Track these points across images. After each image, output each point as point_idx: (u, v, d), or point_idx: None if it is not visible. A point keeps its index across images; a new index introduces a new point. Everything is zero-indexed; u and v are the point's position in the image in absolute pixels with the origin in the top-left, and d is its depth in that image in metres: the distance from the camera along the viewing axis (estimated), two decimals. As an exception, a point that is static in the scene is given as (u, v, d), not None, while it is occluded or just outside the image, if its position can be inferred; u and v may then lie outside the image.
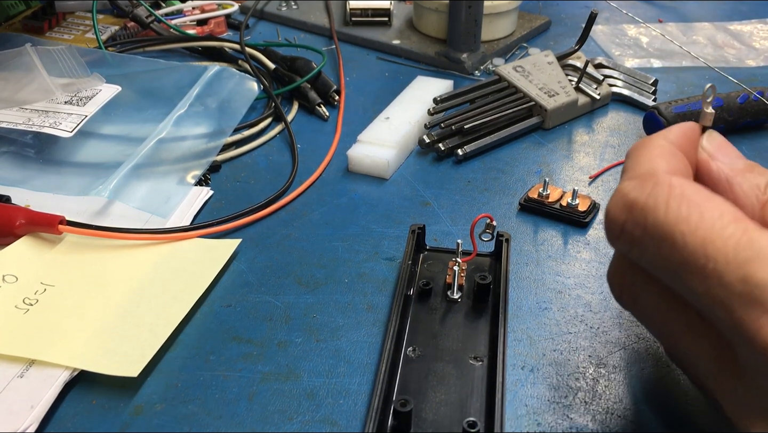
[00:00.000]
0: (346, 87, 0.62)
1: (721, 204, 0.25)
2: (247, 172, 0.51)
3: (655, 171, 0.27)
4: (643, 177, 0.26)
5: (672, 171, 0.27)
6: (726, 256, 0.23)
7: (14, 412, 0.32)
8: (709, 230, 0.24)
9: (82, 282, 0.39)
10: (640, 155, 0.28)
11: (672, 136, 0.29)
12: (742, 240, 0.23)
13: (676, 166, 0.28)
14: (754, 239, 0.23)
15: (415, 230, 0.41)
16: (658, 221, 0.25)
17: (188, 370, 0.35)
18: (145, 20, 0.67)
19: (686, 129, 0.30)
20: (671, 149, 0.28)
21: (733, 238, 0.23)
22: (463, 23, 0.63)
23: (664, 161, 0.27)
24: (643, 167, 0.27)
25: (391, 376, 0.33)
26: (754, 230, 0.24)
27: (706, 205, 0.24)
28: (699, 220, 0.24)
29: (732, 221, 0.24)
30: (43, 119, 0.51)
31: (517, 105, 0.55)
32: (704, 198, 0.25)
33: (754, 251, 0.23)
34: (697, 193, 0.25)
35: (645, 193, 0.25)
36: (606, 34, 0.74)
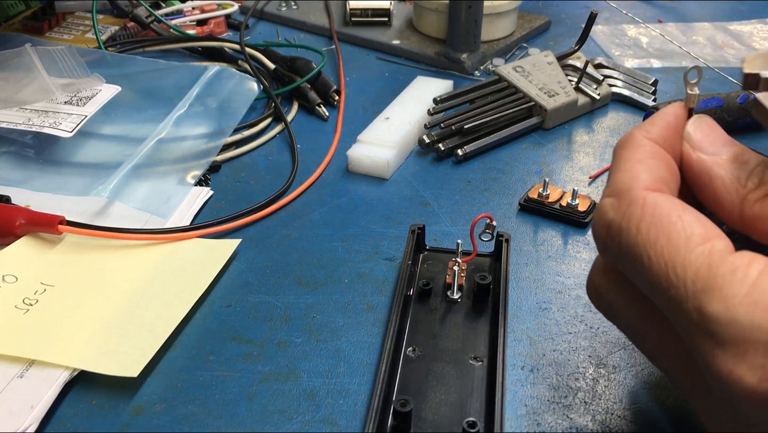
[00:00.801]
0: (346, 87, 0.62)
1: (691, 224, 0.24)
2: (247, 173, 0.51)
3: (630, 187, 0.26)
4: (619, 194, 0.26)
5: (652, 181, 0.26)
6: (685, 284, 0.23)
7: (14, 412, 0.32)
8: (673, 255, 0.24)
9: (82, 282, 0.39)
10: (621, 160, 0.28)
11: (656, 130, 0.28)
12: (701, 268, 0.23)
13: (656, 173, 0.27)
14: (714, 265, 0.23)
15: (414, 230, 0.41)
16: (630, 243, 0.25)
17: (188, 370, 0.35)
18: (145, 20, 0.67)
19: (671, 117, 0.29)
20: (652, 150, 0.28)
21: (693, 265, 0.23)
22: (463, 23, 0.63)
23: (644, 170, 0.27)
24: (621, 180, 0.27)
25: (391, 376, 0.33)
26: (718, 253, 0.23)
27: (674, 227, 0.24)
28: (665, 244, 0.24)
29: (699, 243, 0.24)
30: (43, 119, 0.51)
31: (517, 105, 0.55)
32: (675, 218, 0.25)
33: (711, 281, 0.23)
34: (668, 214, 0.25)
35: (620, 214, 0.26)
36: (606, 34, 0.74)
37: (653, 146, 0.28)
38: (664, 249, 0.24)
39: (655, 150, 0.28)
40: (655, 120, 0.29)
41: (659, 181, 0.27)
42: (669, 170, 0.27)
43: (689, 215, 0.25)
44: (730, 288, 0.22)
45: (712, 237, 0.24)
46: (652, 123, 0.29)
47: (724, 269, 0.23)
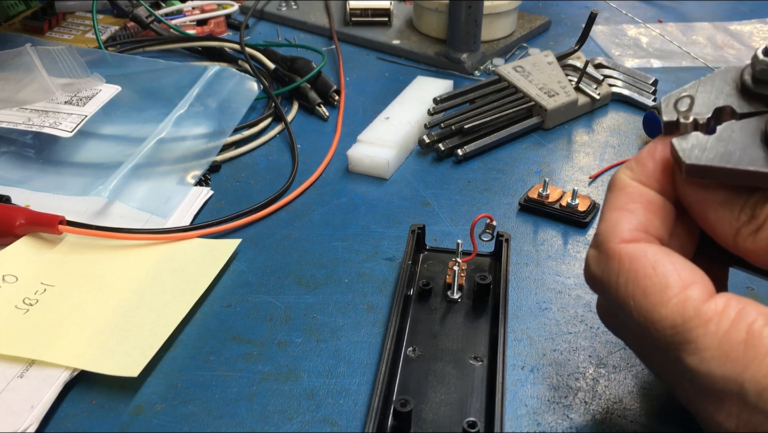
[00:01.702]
0: (346, 87, 0.62)
1: (665, 275, 0.25)
2: (247, 173, 0.51)
3: (607, 240, 0.27)
4: (599, 247, 0.27)
5: (631, 230, 0.26)
6: (664, 337, 0.24)
7: (14, 412, 0.32)
8: (650, 310, 0.25)
9: (82, 282, 0.39)
10: (605, 207, 0.28)
11: (641, 168, 0.28)
12: (677, 321, 0.24)
13: (636, 220, 0.27)
14: (688, 319, 0.24)
15: (415, 230, 0.41)
16: (612, 296, 0.26)
17: (188, 370, 0.35)
18: (145, 20, 0.67)
19: (658, 154, 0.28)
20: (636, 193, 0.27)
21: (669, 319, 0.24)
22: (463, 23, 0.63)
23: (623, 218, 0.27)
24: (602, 230, 0.27)
25: (391, 376, 0.33)
26: (692, 304, 0.24)
27: (650, 281, 0.25)
28: (642, 299, 0.25)
29: (673, 295, 0.24)
30: (43, 119, 0.51)
31: (517, 105, 0.55)
32: (650, 271, 0.25)
33: (685, 335, 0.23)
34: (644, 267, 0.25)
35: (600, 269, 0.27)
36: (606, 34, 0.74)
37: (637, 188, 0.28)
38: (641, 304, 0.25)
39: (638, 192, 0.27)
40: (641, 157, 0.28)
41: (638, 229, 0.27)
42: (654, 212, 0.27)
43: (665, 265, 0.25)
44: (703, 341, 0.23)
45: (688, 285, 0.24)
46: (638, 160, 0.28)
47: (698, 321, 0.23)
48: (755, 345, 0.22)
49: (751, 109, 0.26)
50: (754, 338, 0.22)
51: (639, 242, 0.26)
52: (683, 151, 0.26)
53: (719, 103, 0.27)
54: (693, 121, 0.26)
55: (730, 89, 0.27)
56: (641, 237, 0.26)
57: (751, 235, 0.25)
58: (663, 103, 0.28)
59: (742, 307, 0.23)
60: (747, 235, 0.25)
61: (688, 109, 0.26)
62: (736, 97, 0.27)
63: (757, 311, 0.23)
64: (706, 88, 0.27)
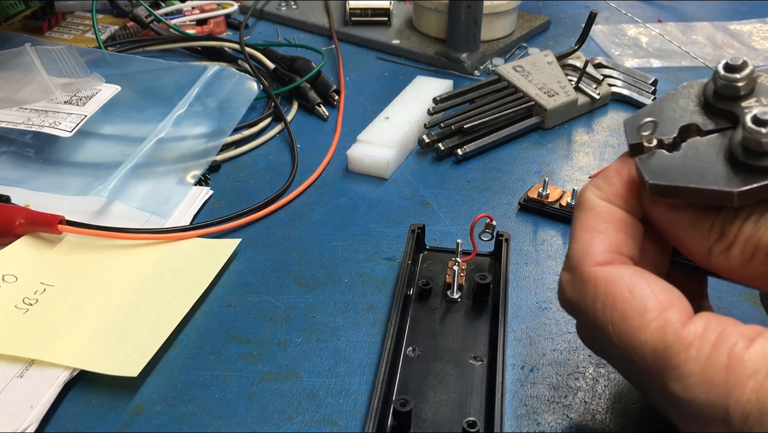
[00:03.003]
0: (345, 87, 0.62)
1: (643, 298, 0.24)
2: (246, 172, 0.51)
3: (581, 264, 0.26)
4: (573, 270, 0.27)
5: (603, 251, 0.26)
6: (646, 363, 0.24)
7: (14, 412, 0.32)
8: (630, 336, 0.24)
9: (81, 282, 0.39)
10: (575, 228, 0.27)
11: (609, 187, 0.27)
12: (657, 347, 0.23)
13: (608, 241, 0.26)
14: (669, 345, 0.23)
15: (414, 229, 0.41)
16: (590, 321, 0.26)
17: (188, 370, 0.35)
18: (145, 20, 0.67)
19: (624, 172, 0.27)
20: (606, 213, 0.27)
21: (649, 345, 0.24)
22: (463, 23, 0.63)
23: (595, 240, 0.26)
24: (574, 253, 0.27)
25: (391, 376, 0.33)
26: (671, 328, 0.23)
27: (628, 305, 0.24)
28: (621, 324, 0.24)
29: (653, 319, 0.24)
30: (42, 119, 0.51)
31: (517, 105, 0.55)
32: (627, 295, 0.25)
33: (667, 361, 0.23)
34: (620, 291, 0.25)
35: (576, 294, 0.26)
36: (605, 33, 0.74)
37: (606, 207, 0.27)
38: (621, 330, 0.24)
39: (607, 212, 0.27)
40: (608, 175, 0.28)
41: (612, 251, 0.26)
42: (625, 231, 0.27)
43: (641, 287, 0.25)
44: (685, 367, 0.23)
45: (666, 307, 0.24)
46: (606, 179, 0.28)
47: (678, 347, 0.23)
48: (737, 369, 0.22)
49: (715, 126, 0.26)
50: (736, 362, 0.22)
51: (613, 264, 0.26)
52: (647, 170, 0.25)
53: (684, 121, 0.26)
54: (657, 142, 0.26)
55: (694, 106, 0.27)
56: (615, 259, 0.26)
57: (723, 253, 0.25)
58: (626, 124, 0.27)
59: (722, 329, 0.23)
60: (719, 253, 0.25)
61: (652, 132, 0.26)
62: (701, 114, 0.26)
63: (737, 332, 0.23)
64: (670, 106, 0.27)
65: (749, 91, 0.25)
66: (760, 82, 0.26)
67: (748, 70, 0.25)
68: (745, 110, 0.25)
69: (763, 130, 0.23)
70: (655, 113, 0.27)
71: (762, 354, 0.22)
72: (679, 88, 0.27)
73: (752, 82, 0.25)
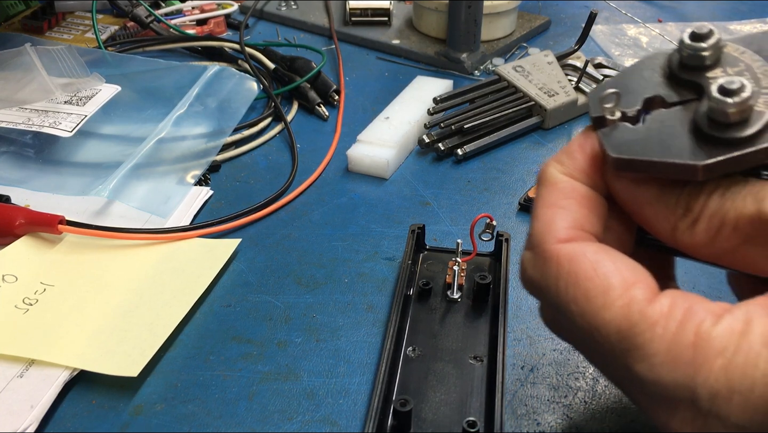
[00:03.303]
0: (345, 87, 0.62)
1: (607, 275, 0.23)
2: (246, 172, 0.51)
3: (543, 241, 0.25)
4: (535, 248, 0.26)
5: (566, 228, 0.25)
6: (610, 343, 0.23)
7: (14, 412, 0.32)
8: (594, 314, 0.23)
9: (81, 282, 0.39)
10: (537, 204, 0.26)
11: (571, 162, 0.26)
12: (622, 326, 0.22)
13: (571, 217, 0.25)
14: (633, 323, 0.22)
15: (414, 229, 0.41)
16: (552, 300, 0.25)
17: (188, 370, 0.35)
18: (145, 20, 0.67)
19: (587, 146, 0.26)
20: (568, 188, 0.26)
21: (614, 324, 0.23)
22: (463, 23, 0.63)
23: (558, 216, 0.25)
24: (536, 230, 0.26)
25: (391, 376, 0.33)
26: (637, 306, 0.22)
27: (591, 283, 0.23)
28: (585, 303, 0.23)
29: (617, 297, 0.23)
30: (42, 119, 0.51)
31: (517, 105, 0.55)
32: (591, 273, 0.24)
33: (632, 340, 0.22)
34: (584, 269, 0.24)
35: (538, 272, 0.25)
36: (605, 33, 0.74)
37: (568, 183, 0.26)
38: (584, 309, 0.23)
39: (570, 187, 0.26)
40: (571, 150, 0.26)
41: (575, 227, 0.25)
42: (588, 207, 0.26)
43: (606, 264, 0.24)
44: (650, 346, 0.22)
45: (631, 284, 0.23)
46: (568, 154, 0.26)
47: (644, 325, 0.22)
48: (704, 347, 0.21)
49: (680, 98, 0.25)
50: (703, 340, 0.21)
51: (576, 240, 0.25)
52: (609, 144, 0.25)
53: (648, 93, 0.25)
54: (621, 114, 0.25)
55: (659, 77, 0.26)
56: (578, 235, 0.25)
57: (688, 229, 0.24)
58: (590, 97, 0.26)
59: (689, 306, 0.22)
60: (684, 229, 0.24)
61: (615, 105, 0.25)
62: (665, 86, 0.25)
63: (705, 309, 0.22)
64: (634, 77, 0.26)
65: (715, 61, 0.24)
66: (725, 51, 0.25)
67: (714, 39, 0.24)
68: (711, 80, 0.24)
69: (729, 100, 0.22)
70: (619, 85, 0.26)
71: (730, 331, 0.21)
72: (643, 59, 0.26)
73: (718, 52, 0.24)
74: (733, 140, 0.22)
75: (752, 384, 0.20)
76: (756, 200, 0.22)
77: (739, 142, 0.22)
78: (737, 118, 0.22)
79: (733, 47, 0.25)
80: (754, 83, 0.23)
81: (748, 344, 0.20)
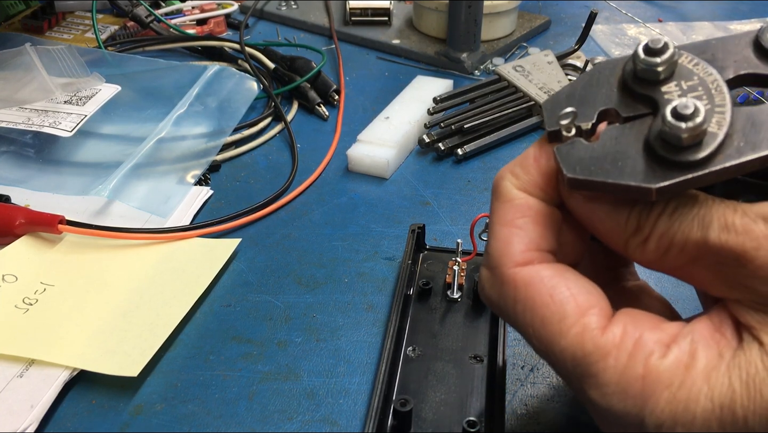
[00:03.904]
0: (345, 87, 0.62)
1: (563, 302, 0.24)
2: (246, 172, 0.51)
3: (501, 264, 0.26)
4: (493, 270, 0.26)
5: (522, 251, 0.25)
6: (566, 368, 0.24)
7: (14, 412, 0.32)
8: (550, 340, 0.24)
9: (81, 282, 0.39)
10: (493, 221, 0.27)
11: (526, 176, 0.26)
12: (576, 354, 0.24)
13: (528, 238, 0.26)
14: (587, 353, 0.23)
15: (414, 229, 0.41)
16: (510, 321, 0.26)
17: (188, 370, 0.35)
18: (145, 20, 0.67)
19: (542, 160, 0.26)
20: (524, 206, 0.26)
21: (569, 351, 0.24)
22: (463, 23, 0.63)
23: (514, 237, 0.26)
24: (494, 251, 0.26)
25: (391, 376, 0.33)
26: (590, 335, 0.23)
27: (547, 310, 0.24)
28: (541, 329, 0.24)
29: (572, 325, 0.24)
30: (42, 119, 0.51)
31: (517, 104, 0.55)
32: (547, 299, 0.24)
33: (585, 369, 0.23)
34: (540, 294, 0.24)
35: (496, 293, 0.26)
36: (606, 33, 0.74)
37: (524, 199, 0.26)
38: (541, 334, 0.24)
39: (525, 205, 0.26)
40: (526, 164, 0.26)
41: (531, 249, 0.26)
42: (543, 223, 0.26)
43: (561, 291, 0.24)
44: (603, 376, 0.23)
45: (585, 311, 0.24)
46: (523, 167, 0.26)
47: (597, 355, 0.23)
48: (653, 381, 0.22)
49: (634, 112, 0.25)
50: (652, 373, 0.22)
51: (533, 263, 0.25)
52: (564, 162, 0.24)
53: (603, 105, 0.25)
54: (576, 129, 0.25)
55: (614, 88, 0.25)
56: (534, 258, 0.25)
57: (639, 246, 0.24)
58: (545, 108, 0.26)
59: (639, 336, 0.23)
60: (635, 246, 0.24)
61: (571, 121, 0.25)
62: (620, 98, 0.25)
63: (654, 340, 0.23)
64: (589, 87, 0.26)
65: (669, 75, 0.24)
66: (680, 63, 0.25)
67: (668, 54, 0.24)
68: (666, 96, 0.24)
69: (683, 125, 0.22)
70: (574, 95, 0.26)
71: (677, 364, 0.22)
72: (600, 66, 0.26)
73: (672, 66, 0.24)
74: (685, 163, 0.22)
75: (693, 417, 0.22)
76: (702, 226, 0.23)
77: (692, 165, 0.22)
78: (690, 142, 0.22)
79: (688, 58, 0.25)
80: (707, 101, 0.23)
81: (691, 379, 0.22)
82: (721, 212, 0.23)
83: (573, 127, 0.25)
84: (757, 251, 0.22)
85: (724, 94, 0.24)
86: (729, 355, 0.22)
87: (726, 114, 0.23)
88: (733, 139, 0.23)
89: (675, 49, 0.24)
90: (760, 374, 0.21)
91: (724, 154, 0.22)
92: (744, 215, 0.22)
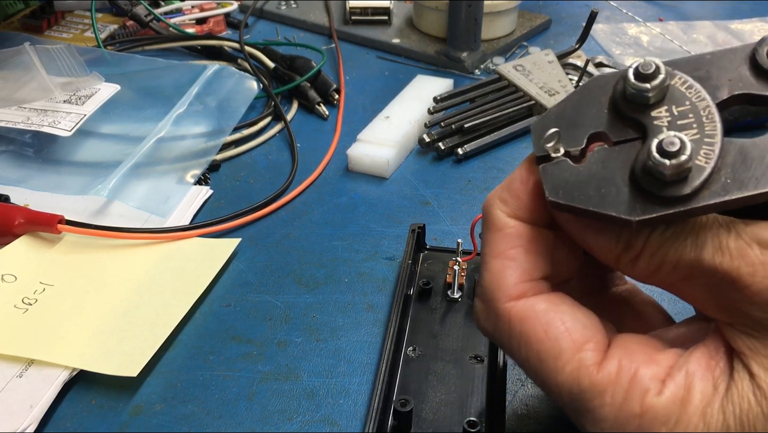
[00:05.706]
0: (345, 86, 0.62)
1: (558, 338, 0.24)
2: (246, 172, 0.51)
3: (495, 298, 0.25)
4: (488, 303, 0.26)
5: (516, 284, 0.25)
6: (563, 402, 0.24)
7: (13, 412, 0.32)
8: (546, 376, 0.24)
9: (81, 282, 0.39)
10: (485, 253, 0.26)
11: (516, 202, 0.26)
12: (573, 390, 0.24)
13: (521, 269, 0.25)
14: (583, 389, 0.24)
15: (415, 229, 0.41)
16: (507, 353, 0.26)
17: (188, 370, 0.35)
18: (144, 19, 0.67)
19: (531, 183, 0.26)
20: (516, 234, 0.26)
21: (565, 387, 0.24)
22: (463, 22, 0.63)
23: (508, 269, 0.25)
24: (488, 283, 0.26)
25: (391, 376, 0.33)
26: (586, 372, 0.24)
27: (543, 346, 0.24)
28: (537, 364, 0.25)
29: (567, 361, 0.24)
30: (42, 118, 0.50)
31: (517, 104, 0.55)
32: (542, 335, 0.24)
33: (582, 404, 0.24)
34: (535, 330, 0.25)
35: (491, 326, 0.26)
36: (606, 33, 0.74)
37: (515, 228, 0.26)
38: (537, 369, 0.25)
39: (516, 234, 0.26)
40: (514, 188, 0.26)
41: (524, 280, 0.25)
42: (536, 250, 0.26)
43: (556, 326, 0.24)
44: (600, 412, 0.23)
45: (581, 346, 0.24)
46: (511, 192, 0.26)
47: (593, 392, 0.23)
48: (650, 419, 0.23)
49: (623, 137, 0.24)
50: (649, 412, 0.23)
51: (527, 296, 0.25)
52: (549, 185, 0.24)
53: (593, 128, 0.25)
54: (564, 153, 0.25)
55: (604, 110, 0.25)
56: (528, 289, 0.25)
57: (630, 262, 0.24)
58: (533, 130, 0.26)
59: (635, 371, 0.23)
60: (626, 262, 0.24)
61: (557, 142, 0.25)
62: (610, 121, 0.25)
63: (650, 376, 0.23)
64: (580, 108, 0.25)
65: (661, 98, 0.24)
66: (672, 85, 0.24)
67: (659, 79, 0.23)
68: (655, 122, 0.24)
69: (667, 162, 0.22)
70: (565, 116, 0.25)
71: (673, 400, 0.22)
72: (591, 85, 0.26)
73: (663, 90, 0.24)
74: (669, 198, 0.22)
75: None
76: (695, 246, 0.23)
77: (675, 201, 0.22)
78: (675, 178, 0.22)
79: (681, 80, 0.24)
80: (697, 129, 0.23)
81: (687, 416, 0.22)
82: (714, 232, 0.23)
83: (561, 149, 0.25)
84: (753, 277, 0.22)
85: (716, 123, 0.23)
86: (723, 387, 0.22)
87: (715, 146, 0.23)
88: (721, 174, 0.22)
89: (666, 73, 0.24)
90: (753, 410, 0.22)
91: (709, 191, 0.22)
92: (738, 237, 0.22)
